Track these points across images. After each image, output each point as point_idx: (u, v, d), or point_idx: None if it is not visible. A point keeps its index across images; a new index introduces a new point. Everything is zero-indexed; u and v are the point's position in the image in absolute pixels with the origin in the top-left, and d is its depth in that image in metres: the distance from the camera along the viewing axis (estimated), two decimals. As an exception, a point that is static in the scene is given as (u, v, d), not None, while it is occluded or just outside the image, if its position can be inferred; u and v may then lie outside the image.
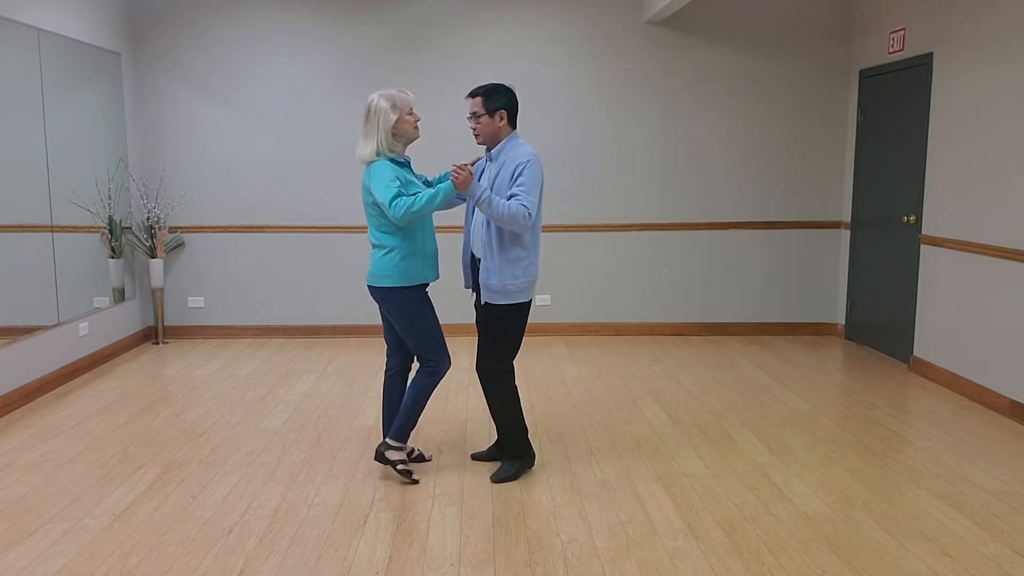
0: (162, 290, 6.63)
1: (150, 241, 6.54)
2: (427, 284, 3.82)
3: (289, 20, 6.57)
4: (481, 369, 3.80)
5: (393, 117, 3.63)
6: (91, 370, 5.80)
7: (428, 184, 3.89)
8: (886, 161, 6.10)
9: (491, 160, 3.77)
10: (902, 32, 5.83)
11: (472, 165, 3.67)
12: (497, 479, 3.81)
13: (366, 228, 6.64)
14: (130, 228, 6.52)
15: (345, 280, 6.81)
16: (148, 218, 6.57)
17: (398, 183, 3.58)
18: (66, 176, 5.55)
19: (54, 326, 5.40)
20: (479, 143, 3.77)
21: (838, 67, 6.64)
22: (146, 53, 6.58)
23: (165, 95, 6.63)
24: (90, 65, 5.91)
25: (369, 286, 3.77)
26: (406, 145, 3.75)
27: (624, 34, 6.61)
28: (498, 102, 3.67)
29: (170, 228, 6.69)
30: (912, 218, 5.71)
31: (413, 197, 3.56)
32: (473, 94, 3.71)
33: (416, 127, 3.74)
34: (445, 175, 3.83)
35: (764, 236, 6.83)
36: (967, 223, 5.12)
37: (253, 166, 6.70)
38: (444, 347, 3.79)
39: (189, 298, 6.84)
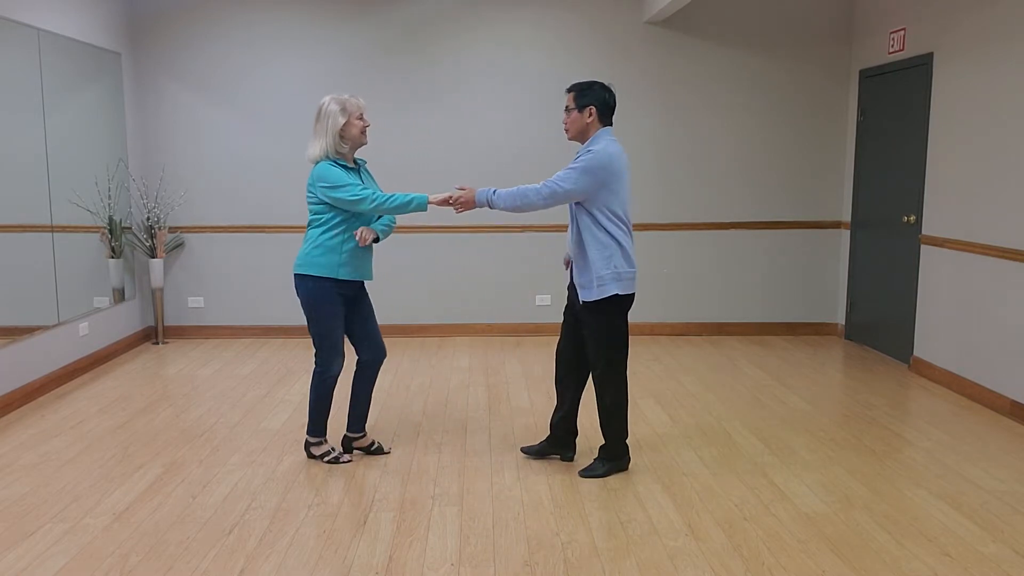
0: (162, 290, 6.63)
1: (150, 241, 6.54)
2: (343, 282, 3.82)
3: (289, 20, 6.56)
4: (596, 374, 3.83)
5: (341, 120, 3.74)
6: (91, 370, 5.80)
7: None
8: (886, 161, 6.10)
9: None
10: (902, 32, 5.83)
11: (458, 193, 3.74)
12: (585, 475, 3.85)
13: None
14: (130, 228, 6.52)
15: (345, 280, 6.80)
16: (148, 218, 6.57)
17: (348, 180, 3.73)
18: (66, 176, 5.55)
19: (54, 326, 5.40)
20: (569, 138, 3.82)
21: (838, 67, 6.64)
22: (146, 53, 6.58)
23: (165, 95, 6.63)
24: (90, 65, 5.91)
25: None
26: (353, 149, 3.85)
27: (624, 34, 6.61)
28: (588, 98, 3.72)
29: (170, 228, 6.69)
30: (912, 218, 5.71)
31: (389, 195, 3.70)
32: (569, 89, 3.79)
33: (364, 132, 3.82)
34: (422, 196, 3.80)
35: (764, 236, 6.83)
36: (967, 223, 5.12)
37: (253, 166, 6.70)
38: (338, 351, 3.89)
39: (189, 298, 6.84)
